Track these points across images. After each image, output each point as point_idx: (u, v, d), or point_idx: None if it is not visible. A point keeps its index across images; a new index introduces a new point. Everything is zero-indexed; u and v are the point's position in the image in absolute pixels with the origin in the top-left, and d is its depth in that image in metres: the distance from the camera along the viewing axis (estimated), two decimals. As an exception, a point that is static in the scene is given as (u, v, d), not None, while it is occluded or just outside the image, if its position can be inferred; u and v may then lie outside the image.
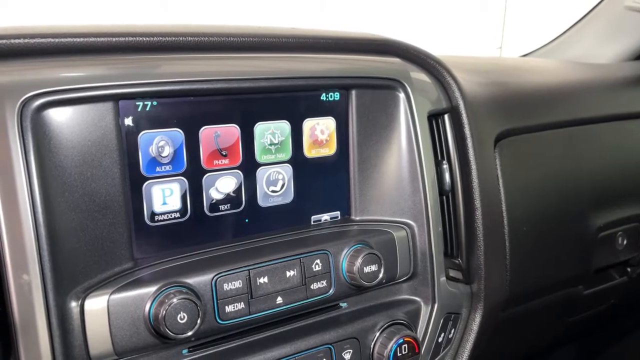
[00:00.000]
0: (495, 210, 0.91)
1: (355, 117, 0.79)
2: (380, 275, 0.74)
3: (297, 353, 0.70)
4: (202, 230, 0.70)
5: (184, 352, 0.66)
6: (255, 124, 0.72)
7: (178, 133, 0.67)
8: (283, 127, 0.74)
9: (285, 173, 0.76)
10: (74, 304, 0.58)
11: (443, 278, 0.83)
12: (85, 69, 0.60)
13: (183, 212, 0.69)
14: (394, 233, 0.78)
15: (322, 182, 0.79)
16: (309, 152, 0.77)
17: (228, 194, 0.71)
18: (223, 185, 0.71)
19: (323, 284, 0.72)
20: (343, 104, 0.79)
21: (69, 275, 0.58)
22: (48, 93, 0.56)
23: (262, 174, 0.74)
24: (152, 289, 0.61)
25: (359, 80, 0.78)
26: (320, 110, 0.77)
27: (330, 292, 0.73)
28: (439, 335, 0.84)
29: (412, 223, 0.80)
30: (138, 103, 0.64)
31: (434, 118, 0.84)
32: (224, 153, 0.70)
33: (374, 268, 0.73)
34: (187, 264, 0.66)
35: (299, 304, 0.71)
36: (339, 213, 0.81)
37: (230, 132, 0.70)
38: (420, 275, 0.81)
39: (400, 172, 0.80)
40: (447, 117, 0.86)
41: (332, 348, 0.73)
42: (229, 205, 0.72)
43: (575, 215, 1.06)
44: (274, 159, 0.74)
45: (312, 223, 0.79)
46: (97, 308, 0.59)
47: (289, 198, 0.76)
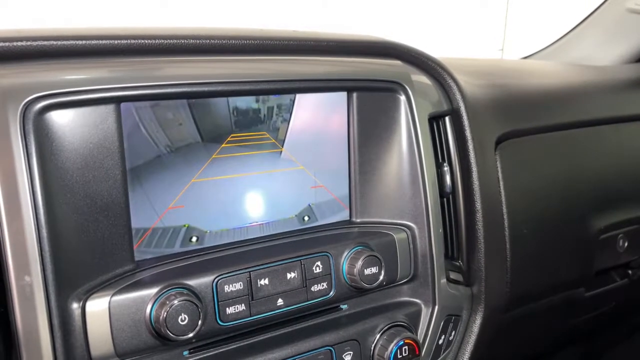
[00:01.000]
0: (496, 213, 0.91)
1: (356, 118, 0.79)
2: (381, 278, 0.74)
3: (297, 355, 0.70)
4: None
5: (185, 353, 0.66)
6: (257, 126, 0.72)
7: (179, 135, 0.67)
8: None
9: (286, 175, 0.76)
10: (76, 306, 0.58)
11: (444, 280, 0.83)
12: (87, 72, 0.60)
13: (184, 214, 0.69)
14: (395, 235, 0.79)
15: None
16: (310, 154, 0.77)
17: (229, 196, 0.72)
18: (224, 187, 0.71)
19: (324, 286, 0.73)
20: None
21: (71, 277, 0.58)
22: (50, 96, 0.57)
23: (263, 176, 0.74)
24: (153, 291, 0.62)
25: (360, 83, 0.78)
26: (321, 113, 0.77)
27: (331, 294, 0.73)
28: (440, 337, 0.84)
29: (412, 225, 0.80)
30: (139, 105, 0.64)
31: (435, 120, 0.85)
32: (225, 155, 0.70)
33: (375, 270, 0.74)
34: (187, 266, 0.67)
35: (300, 306, 0.71)
36: (339, 215, 0.81)
37: (232, 134, 0.70)
38: (421, 277, 0.82)
39: (401, 174, 0.80)
40: (447, 119, 0.86)
41: (332, 350, 0.73)
42: None
43: (576, 218, 1.06)
44: (275, 161, 0.74)
45: (312, 225, 0.79)
46: (98, 309, 0.59)
47: (290, 200, 0.77)
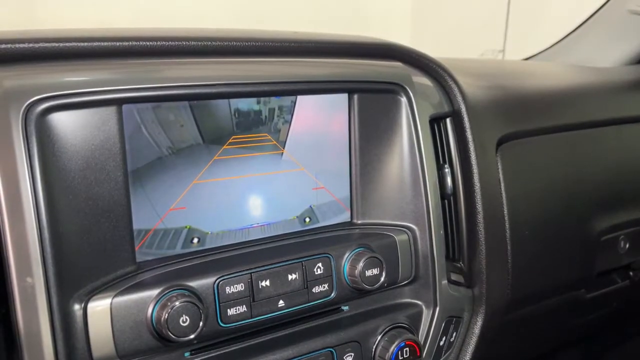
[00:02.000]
0: (497, 214, 0.91)
1: (357, 121, 0.80)
2: (382, 279, 0.74)
3: (298, 356, 0.70)
4: (204, 233, 0.71)
5: (186, 354, 0.66)
6: (258, 128, 0.72)
7: (181, 137, 0.67)
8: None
9: (287, 176, 0.76)
10: (77, 307, 0.58)
11: (445, 281, 0.83)
12: (89, 74, 0.60)
13: (185, 215, 0.69)
14: (396, 237, 0.79)
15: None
16: (311, 155, 0.77)
17: (230, 198, 0.72)
18: (225, 189, 0.71)
19: (325, 288, 0.73)
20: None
21: (72, 278, 0.58)
22: (52, 97, 0.57)
23: (264, 178, 0.74)
24: (154, 292, 0.62)
25: (361, 85, 0.78)
26: (323, 114, 0.77)
27: (332, 295, 0.73)
28: (441, 339, 0.84)
29: (413, 227, 0.80)
30: (141, 107, 0.64)
31: (436, 122, 0.85)
32: (227, 157, 0.71)
33: (376, 272, 0.74)
34: (189, 267, 0.67)
35: (301, 307, 0.71)
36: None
37: (233, 135, 0.71)
38: (422, 279, 0.82)
39: (402, 175, 0.80)
40: (449, 121, 0.86)
41: (333, 351, 0.73)
42: None
43: (577, 219, 1.06)
44: (276, 163, 0.75)
45: (314, 226, 0.79)
46: (100, 311, 0.59)
47: (291, 201, 0.77)
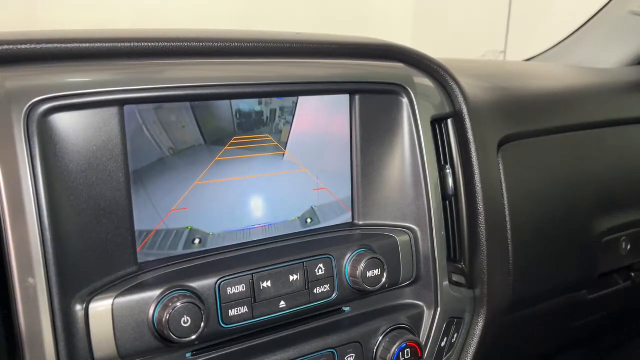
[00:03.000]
0: (499, 215, 0.91)
1: (359, 122, 0.80)
2: (383, 280, 0.74)
3: (300, 357, 0.70)
4: (206, 234, 0.71)
5: (188, 355, 0.66)
6: (259, 129, 0.72)
7: (182, 138, 0.67)
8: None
9: (289, 177, 0.76)
10: (79, 308, 0.58)
11: (446, 282, 0.83)
12: (91, 75, 0.60)
13: (187, 216, 0.69)
14: (397, 238, 0.79)
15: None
16: (313, 156, 0.77)
17: (232, 199, 0.72)
18: (227, 190, 0.71)
19: (326, 288, 0.73)
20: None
21: (74, 279, 0.58)
22: (54, 98, 0.57)
23: (265, 179, 0.74)
24: (156, 293, 0.62)
25: (363, 86, 0.78)
26: (324, 115, 0.77)
27: (334, 296, 0.73)
28: (442, 340, 0.84)
29: (415, 228, 0.80)
30: (143, 108, 0.64)
31: (437, 123, 0.85)
32: (228, 157, 0.71)
33: (377, 272, 0.74)
34: (190, 268, 0.67)
35: (302, 308, 0.71)
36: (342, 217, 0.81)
37: (234, 136, 0.71)
38: (424, 280, 0.81)
39: (404, 176, 0.80)
40: (450, 121, 0.86)
41: (335, 352, 0.73)
42: None
43: (579, 220, 1.06)
44: (278, 164, 0.75)
45: (315, 227, 0.79)
46: (101, 311, 0.59)
47: (293, 202, 0.77)
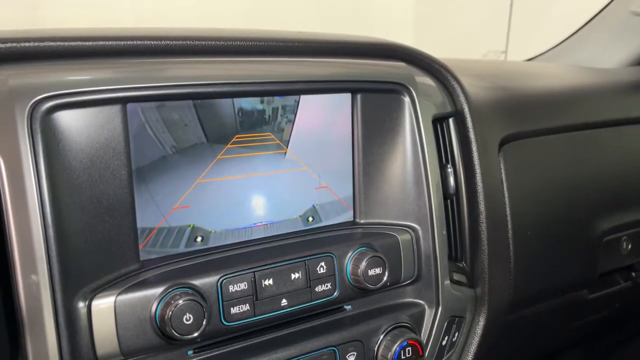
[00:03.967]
0: (500, 214, 0.91)
1: (360, 120, 0.80)
2: (385, 278, 0.74)
3: (301, 355, 0.70)
4: (208, 232, 0.71)
5: (189, 353, 0.67)
6: (261, 127, 0.72)
7: (185, 136, 0.67)
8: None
9: (291, 176, 0.76)
10: (82, 305, 0.59)
11: (447, 281, 0.83)
12: (94, 72, 0.60)
13: (189, 214, 0.69)
14: (399, 236, 0.79)
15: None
16: (314, 155, 0.77)
17: (234, 197, 0.72)
18: (229, 188, 0.71)
19: (327, 287, 0.73)
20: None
21: (77, 276, 0.59)
22: (57, 96, 0.57)
23: (267, 177, 0.74)
24: (158, 290, 0.62)
25: (365, 84, 0.78)
26: (326, 114, 0.77)
27: (335, 294, 0.73)
28: (443, 339, 0.84)
29: (416, 226, 0.81)
30: (146, 106, 0.64)
31: (439, 122, 0.85)
32: (230, 156, 0.71)
33: (379, 271, 0.74)
34: (192, 266, 0.67)
35: (304, 306, 0.71)
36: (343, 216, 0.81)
37: (237, 135, 0.71)
38: (425, 279, 0.82)
39: (405, 175, 0.80)
40: (451, 121, 0.86)
41: (336, 350, 0.73)
42: None
43: (580, 220, 1.06)
44: (280, 162, 0.75)
45: (316, 226, 0.79)
46: (104, 309, 0.59)
47: (294, 201, 0.77)
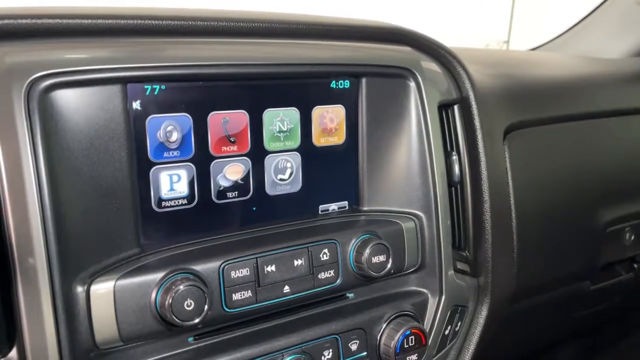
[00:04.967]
0: (504, 203, 0.90)
1: (365, 105, 0.78)
2: (389, 266, 0.73)
3: (303, 342, 0.69)
4: (209, 218, 0.69)
5: (190, 340, 0.65)
6: (264, 111, 0.71)
7: (186, 118, 0.66)
8: (292, 114, 0.73)
9: (294, 161, 0.75)
10: (80, 289, 0.57)
11: (451, 271, 0.82)
12: (93, 51, 0.59)
13: (190, 198, 0.68)
14: (403, 224, 0.78)
15: (330, 171, 0.78)
16: (318, 140, 0.76)
17: (236, 182, 0.70)
18: (231, 173, 0.70)
19: (331, 274, 0.72)
20: (353, 93, 0.77)
21: (75, 260, 0.57)
22: (55, 74, 0.55)
23: (270, 162, 0.73)
24: (158, 276, 0.60)
25: (370, 69, 0.76)
26: (330, 98, 0.76)
27: (338, 282, 0.72)
28: (446, 328, 0.83)
29: (420, 214, 0.79)
30: (146, 87, 0.62)
31: (444, 109, 0.83)
32: (233, 140, 0.69)
33: (382, 258, 0.73)
34: (194, 251, 0.66)
35: (306, 294, 0.70)
36: (347, 203, 0.80)
37: (239, 118, 0.69)
38: (428, 267, 0.81)
39: (410, 162, 0.79)
40: (456, 108, 0.84)
41: (338, 338, 0.72)
42: (237, 193, 0.71)
43: (584, 210, 1.05)
44: (283, 147, 0.73)
45: (319, 212, 0.78)
46: (103, 294, 0.58)
47: (297, 187, 0.75)
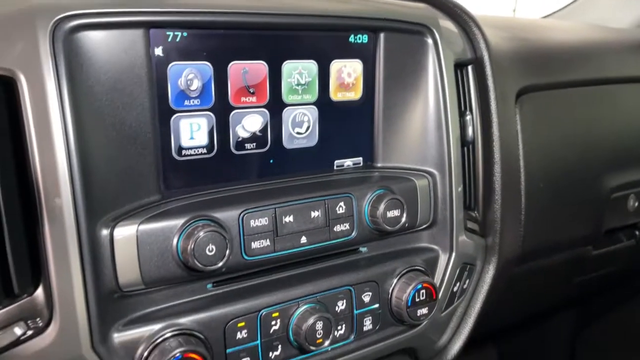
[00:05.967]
0: (514, 165, 0.91)
1: (383, 61, 0.78)
2: (403, 220, 0.74)
3: (318, 292, 0.71)
4: (227, 168, 0.70)
5: (209, 286, 0.66)
6: (283, 62, 0.70)
7: (207, 67, 0.65)
8: (310, 67, 0.73)
9: (311, 115, 0.75)
10: (105, 232, 0.58)
11: (462, 229, 0.83)
12: (117, -6, 0.58)
13: (210, 148, 0.68)
14: (416, 181, 0.78)
15: (346, 126, 0.78)
16: (335, 95, 0.76)
17: (254, 133, 0.71)
18: (249, 124, 0.70)
19: (346, 227, 0.73)
20: (371, 48, 0.77)
21: (99, 203, 0.58)
22: (80, 15, 0.55)
23: (288, 115, 0.73)
24: (180, 222, 0.61)
25: (388, 23, 0.76)
26: (348, 52, 0.75)
27: (353, 234, 0.73)
28: (454, 285, 0.85)
29: (434, 172, 0.80)
30: (168, 33, 0.62)
31: (458, 68, 0.83)
32: (252, 90, 0.69)
33: (397, 213, 0.74)
34: (214, 199, 0.66)
35: (322, 245, 0.71)
36: (362, 159, 0.81)
37: (259, 69, 0.69)
38: (440, 224, 0.82)
39: (425, 120, 0.79)
40: (470, 68, 0.85)
41: (352, 290, 0.73)
42: (255, 145, 0.71)
43: (590, 175, 1.06)
44: (301, 100, 0.73)
45: (335, 168, 0.79)
46: (126, 237, 0.58)
47: (314, 141, 0.76)
